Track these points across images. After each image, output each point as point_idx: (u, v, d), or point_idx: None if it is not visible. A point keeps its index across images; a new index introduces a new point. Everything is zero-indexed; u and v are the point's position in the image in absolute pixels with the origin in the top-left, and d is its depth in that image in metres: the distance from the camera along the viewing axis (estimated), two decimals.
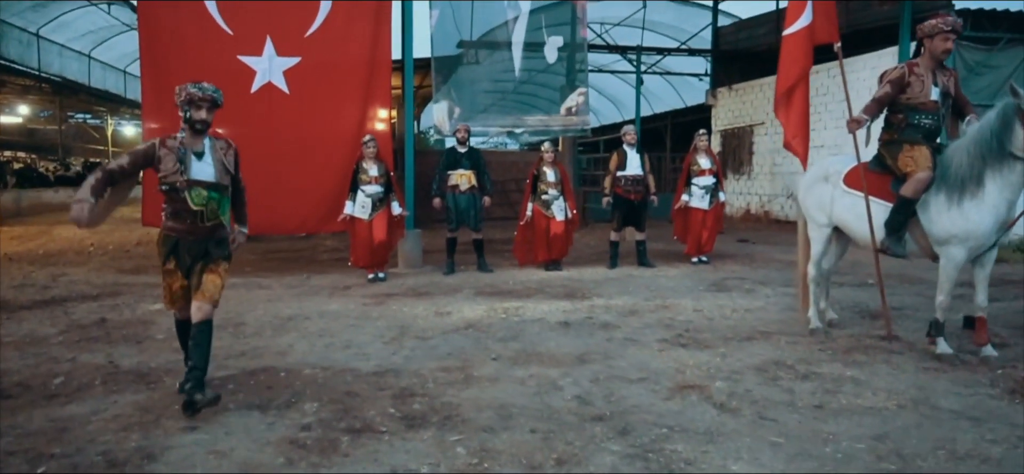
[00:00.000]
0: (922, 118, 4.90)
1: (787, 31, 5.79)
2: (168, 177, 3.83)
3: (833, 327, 5.77)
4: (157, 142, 3.88)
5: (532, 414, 3.88)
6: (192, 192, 3.85)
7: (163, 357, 4.99)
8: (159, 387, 4.33)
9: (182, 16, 8.32)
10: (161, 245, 3.99)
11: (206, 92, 3.88)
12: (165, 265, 3.99)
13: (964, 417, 3.81)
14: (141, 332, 5.78)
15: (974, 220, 4.60)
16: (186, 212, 3.88)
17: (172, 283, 4.03)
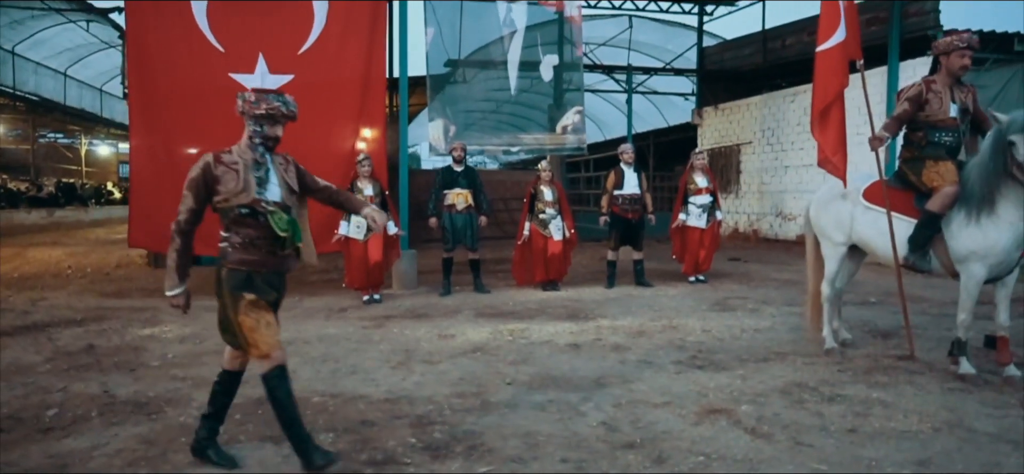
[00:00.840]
0: (942, 135, 4.87)
1: (820, 48, 5.70)
2: (234, 198, 3.21)
3: (847, 346, 5.69)
4: (210, 159, 3.24)
5: (560, 442, 3.71)
6: (274, 216, 3.25)
7: (161, 386, 4.74)
8: (161, 418, 4.09)
9: (172, 34, 8.10)
10: (228, 285, 3.24)
11: (290, 108, 3.37)
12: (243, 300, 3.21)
13: (1002, 440, 3.71)
14: (133, 359, 5.51)
15: (992, 237, 4.56)
16: (263, 240, 3.26)
17: (260, 317, 3.22)
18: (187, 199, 3.24)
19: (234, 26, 8.18)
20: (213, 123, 8.19)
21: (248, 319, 3.19)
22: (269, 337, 3.19)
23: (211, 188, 3.23)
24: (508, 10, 9.65)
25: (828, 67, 5.64)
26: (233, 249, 3.26)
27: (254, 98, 3.30)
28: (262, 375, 3.22)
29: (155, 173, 8.21)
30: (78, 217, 24.16)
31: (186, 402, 4.37)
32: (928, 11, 10.62)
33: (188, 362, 5.39)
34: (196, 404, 4.31)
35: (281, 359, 3.23)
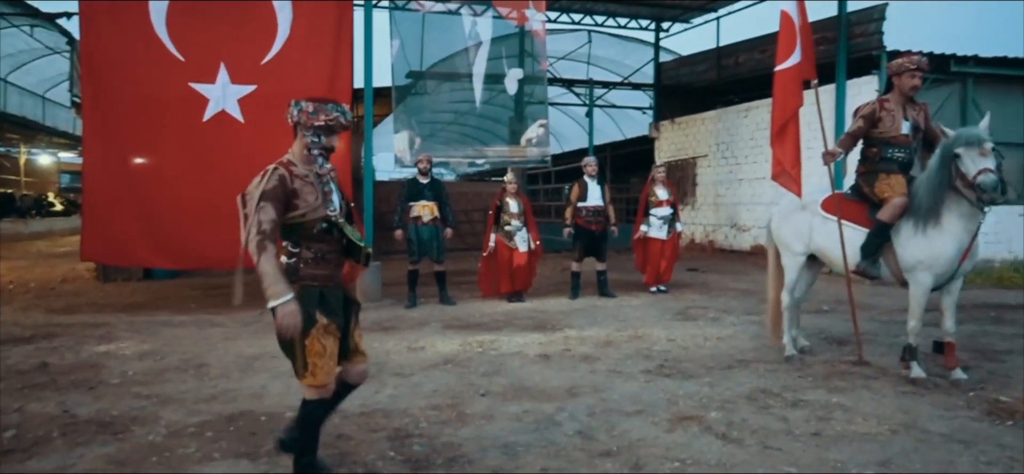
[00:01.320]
0: (895, 151, 5.12)
1: (779, 67, 5.95)
2: (313, 213, 3.08)
3: (805, 353, 5.89)
4: (284, 172, 3.07)
5: (538, 451, 3.77)
6: (346, 228, 3.19)
7: (125, 404, 4.62)
8: (128, 437, 3.99)
9: (129, 42, 7.91)
10: (303, 303, 3.02)
11: (347, 117, 3.26)
12: (316, 324, 3.05)
13: (954, 440, 3.91)
14: (91, 377, 5.35)
15: (938, 247, 4.81)
16: (334, 253, 3.18)
17: (327, 345, 3.08)
18: (268, 210, 3.00)
19: (194, 35, 8.03)
20: (171, 134, 8.05)
21: (317, 345, 3.07)
22: (329, 369, 3.12)
23: (289, 201, 3.07)
24: (474, 23, 9.72)
25: (786, 86, 5.89)
26: (305, 265, 3.12)
27: (312, 109, 3.17)
28: (306, 400, 3.20)
29: (110, 185, 7.98)
30: (17, 230, 23.19)
31: (153, 420, 4.27)
32: (873, 32, 11.09)
33: (151, 379, 5.26)
34: (164, 422, 4.22)
35: (329, 393, 3.22)
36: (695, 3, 15.46)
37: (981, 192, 4.54)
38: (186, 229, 7.95)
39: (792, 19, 5.88)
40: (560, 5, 15.63)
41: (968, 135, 4.67)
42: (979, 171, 4.53)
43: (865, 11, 11.36)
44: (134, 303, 9.18)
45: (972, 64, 10.98)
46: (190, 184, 7.92)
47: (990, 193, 4.51)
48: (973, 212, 4.76)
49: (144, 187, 7.97)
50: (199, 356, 6.02)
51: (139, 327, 7.42)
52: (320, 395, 3.18)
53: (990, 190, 4.49)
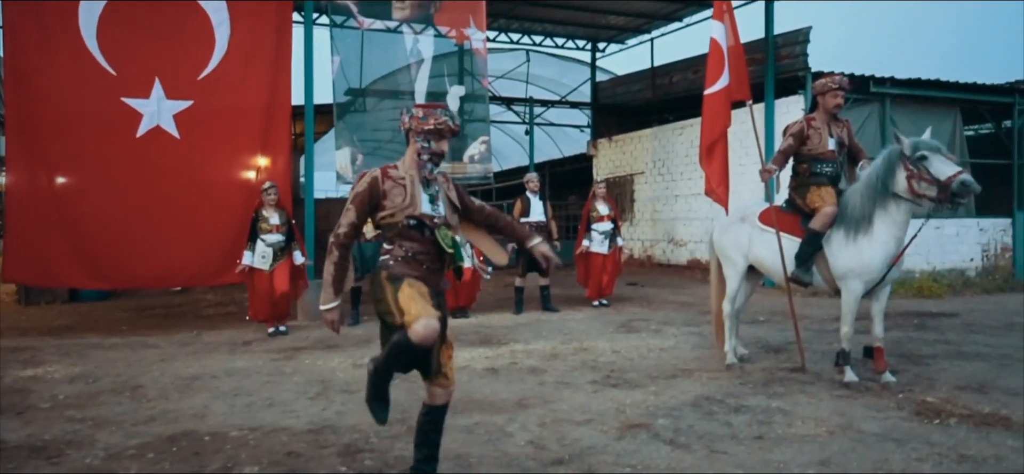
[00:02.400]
0: (823, 165, 5.40)
1: (708, 91, 6.23)
2: (402, 211, 3.13)
3: (745, 362, 6.10)
4: (378, 174, 3.17)
5: (492, 462, 3.79)
6: (441, 231, 3.18)
7: (57, 428, 4.41)
8: (63, 462, 3.82)
9: (58, 57, 7.61)
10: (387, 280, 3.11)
11: (455, 121, 3.28)
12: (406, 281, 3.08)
13: (888, 439, 4.12)
14: (19, 402, 5.09)
15: (867, 255, 5.08)
16: (426, 255, 3.17)
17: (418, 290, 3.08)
18: (349, 213, 3.14)
19: (127, 50, 7.78)
20: (102, 150, 7.78)
21: (407, 291, 3.04)
22: (422, 307, 2.99)
23: (377, 204, 3.15)
24: (415, 41, 9.74)
25: (714, 108, 6.19)
26: (395, 262, 3.16)
27: (422, 114, 3.22)
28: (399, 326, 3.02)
29: (35, 203, 7.63)
30: None
31: (90, 444, 4.10)
32: (798, 54, 11.66)
33: (84, 402, 5.04)
34: (102, 445, 4.06)
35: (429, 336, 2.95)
36: (630, 24, 15.89)
37: (964, 191, 4.63)
38: (117, 248, 7.66)
39: (720, 45, 6.18)
40: (498, 24, 15.81)
41: (928, 142, 4.89)
42: (955, 173, 4.66)
43: (791, 34, 11.92)
44: (61, 326, 8.77)
45: (889, 85, 11.63)
46: (122, 201, 7.66)
47: (971, 192, 4.66)
48: (906, 220, 5.04)
49: (72, 205, 7.65)
50: (134, 378, 5.80)
51: (67, 350, 7.10)
52: (417, 337, 2.92)
53: (972, 188, 4.65)
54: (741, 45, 6.33)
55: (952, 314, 9.01)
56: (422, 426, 3.29)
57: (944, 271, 12.18)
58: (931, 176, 4.74)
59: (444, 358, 3.24)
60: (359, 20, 9.42)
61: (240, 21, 8.18)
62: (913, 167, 4.82)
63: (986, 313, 9.06)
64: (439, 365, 3.21)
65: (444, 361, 3.24)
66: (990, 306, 9.77)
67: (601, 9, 15.13)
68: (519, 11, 15.03)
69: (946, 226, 12.54)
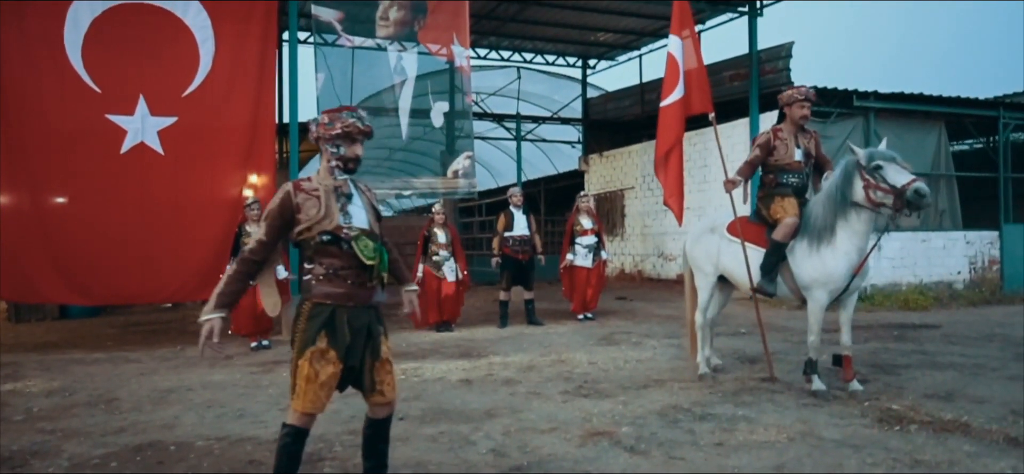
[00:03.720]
0: (789, 176, 5.47)
1: (663, 103, 6.37)
2: (316, 226, 2.98)
3: (719, 372, 6.14)
4: (290, 188, 3.02)
5: (450, 469, 3.84)
6: (359, 242, 3.01)
7: (26, 438, 4.47)
8: (25, 470, 3.86)
9: (43, 72, 7.73)
10: (308, 320, 2.98)
11: (366, 123, 3.11)
12: (313, 346, 2.94)
13: (846, 445, 4.16)
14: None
15: (830, 265, 5.13)
16: (348, 270, 3.02)
17: (321, 371, 2.94)
18: (260, 229, 3.05)
19: (112, 67, 7.90)
20: (86, 166, 7.87)
21: (308, 368, 2.94)
22: (316, 397, 2.96)
23: (290, 218, 3.01)
24: (399, 59, 9.87)
25: (668, 120, 6.31)
26: (317, 282, 3.03)
27: (327, 119, 3.08)
28: (284, 423, 3.04)
29: (21, 219, 7.72)
30: None
31: (55, 454, 4.15)
32: (781, 69, 11.79)
33: (57, 415, 5.10)
34: (66, 455, 4.11)
35: (308, 425, 3.04)
36: (619, 41, 16.06)
37: (917, 199, 4.67)
38: (102, 263, 7.74)
39: (675, 58, 6.31)
40: (489, 42, 15.99)
41: (883, 152, 4.97)
42: (910, 181, 4.71)
43: (774, 49, 12.05)
44: (47, 342, 8.82)
45: (873, 99, 11.73)
46: (106, 217, 7.75)
47: (925, 200, 4.70)
48: (867, 230, 5.10)
49: (57, 221, 7.75)
50: (111, 391, 5.85)
51: (50, 365, 7.15)
52: (300, 423, 2.99)
53: (926, 196, 4.69)
54: (702, 59, 6.45)
55: (934, 326, 9.04)
56: (368, 437, 3.27)
57: (931, 283, 12.22)
58: (887, 184, 4.81)
59: (380, 375, 3.14)
60: (344, 38, 9.54)
61: (224, 39, 8.30)
62: (869, 176, 4.89)
63: (969, 325, 9.09)
64: (373, 383, 3.12)
65: (380, 379, 3.14)
66: (974, 318, 9.80)
67: (591, 27, 15.32)
68: (510, 29, 15.22)
69: (933, 239, 12.59)
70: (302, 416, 3.00)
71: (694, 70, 6.34)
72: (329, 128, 3.07)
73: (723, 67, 13.07)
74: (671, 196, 6.35)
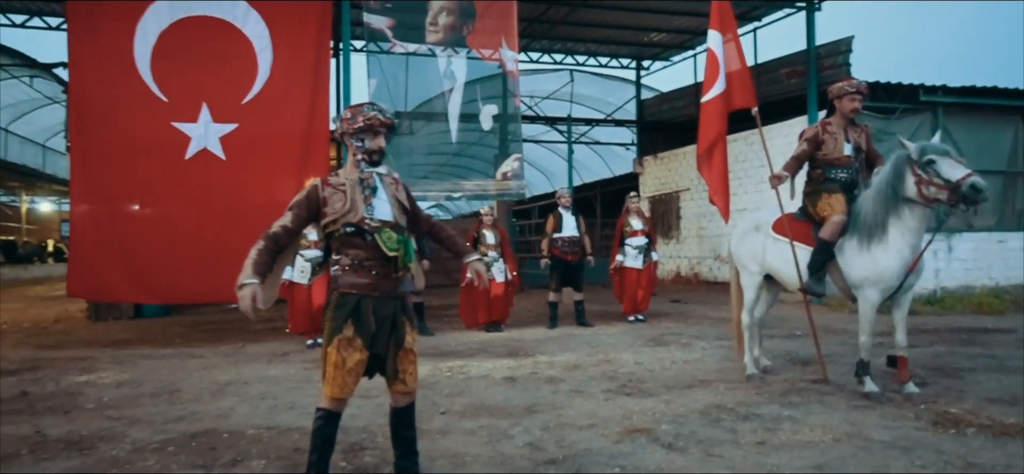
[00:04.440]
0: (838, 172, 5.32)
1: (704, 98, 6.30)
2: (342, 218, 3.11)
3: (768, 373, 6.01)
4: (318, 182, 3.18)
5: (485, 461, 3.89)
6: (382, 234, 3.12)
7: (95, 425, 4.75)
8: (93, 454, 4.12)
9: (114, 84, 8.21)
10: (335, 309, 3.13)
11: (386, 115, 3.21)
12: (341, 334, 3.08)
13: (894, 447, 4.03)
14: (68, 403, 5.49)
15: (882, 263, 4.96)
16: (373, 261, 3.13)
17: (348, 358, 3.08)
18: (286, 216, 3.17)
19: (177, 77, 8.33)
20: (154, 172, 8.29)
21: (336, 355, 3.08)
22: (344, 383, 3.10)
23: (316, 210, 3.15)
24: (448, 63, 10.05)
25: (710, 115, 6.22)
26: (343, 272, 3.15)
27: (350, 114, 3.19)
28: (317, 408, 3.18)
29: (94, 222, 8.21)
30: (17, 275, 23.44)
31: (120, 438, 4.41)
32: (841, 64, 11.43)
33: (124, 404, 5.40)
34: (129, 440, 4.36)
35: (338, 409, 3.18)
36: (673, 41, 15.88)
37: (974, 195, 4.49)
38: (166, 264, 8.14)
39: (715, 55, 6.22)
40: (541, 45, 16.04)
41: (936, 145, 4.79)
42: (965, 175, 4.54)
43: (833, 44, 11.71)
44: (121, 339, 9.32)
45: (941, 94, 11.27)
46: (171, 220, 8.16)
47: (982, 195, 4.52)
48: (921, 226, 4.92)
49: (125, 224, 8.20)
50: (174, 383, 6.15)
51: (122, 359, 7.56)
52: (331, 406, 3.13)
53: (983, 191, 4.51)
54: (745, 60, 6.34)
55: (1008, 330, 8.61)
56: (393, 426, 3.39)
57: (1008, 286, 11.62)
58: (941, 179, 4.63)
59: (403, 364, 3.23)
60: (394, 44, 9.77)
61: (281, 47, 8.64)
62: (921, 172, 4.72)
63: None
64: (396, 371, 3.22)
65: (403, 368, 3.23)
66: None
67: (644, 27, 15.20)
68: (562, 31, 15.24)
69: (1011, 240, 11.99)
70: (332, 400, 3.13)
71: (737, 71, 6.24)
72: (352, 122, 3.18)
73: (779, 64, 12.78)
74: (716, 193, 6.28)
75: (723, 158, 6.33)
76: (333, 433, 3.21)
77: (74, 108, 8.27)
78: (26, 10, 14.15)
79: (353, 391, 3.18)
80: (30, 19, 14.41)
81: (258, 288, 3.05)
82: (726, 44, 6.24)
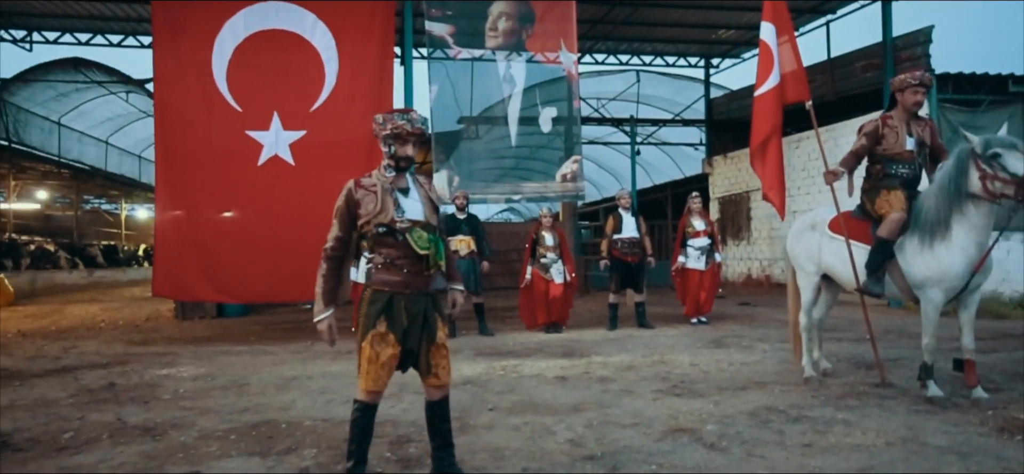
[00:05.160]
0: (899, 167, 5.12)
1: (758, 92, 6.17)
2: (374, 219, 3.26)
3: (827, 376, 5.84)
4: (351, 185, 3.32)
5: (524, 455, 3.97)
6: (413, 233, 3.25)
7: (170, 414, 5.11)
8: (164, 439, 4.44)
9: (193, 96, 8.76)
10: (368, 305, 3.25)
11: (415, 125, 3.33)
12: (374, 329, 3.21)
13: (951, 452, 3.87)
14: (148, 394, 5.90)
15: (946, 262, 4.74)
16: (404, 259, 3.25)
17: (381, 353, 3.21)
18: (334, 227, 3.34)
19: (250, 87, 8.81)
20: (229, 178, 8.79)
21: (369, 350, 3.22)
22: (377, 376, 3.23)
23: (354, 212, 3.30)
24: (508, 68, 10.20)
25: (763, 109, 6.08)
26: (376, 270, 3.28)
27: (381, 119, 3.34)
28: (355, 400, 3.34)
29: (176, 226, 8.78)
30: (116, 277, 25.12)
31: (189, 426, 4.73)
32: (920, 56, 10.90)
33: (198, 395, 5.77)
34: (197, 428, 4.67)
35: (374, 401, 3.31)
36: (742, 37, 15.52)
37: None
38: (242, 264, 8.62)
39: (769, 46, 6.06)
40: (607, 46, 15.99)
41: (1002, 138, 4.59)
42: None
43: (911, 35, 11.19)
44: (203, 336, 9.90)
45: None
46: (245, 223, 8.63)
47: None
48: (987, 223, 4.69)
49: (204, 227, 8.73)
50: (244, 378, 6.52)
51: (201, 355, 8.05)
52: (366, 399, 3.27)
53: None
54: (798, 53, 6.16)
55: None
56: (429, 419, 3.50)
57: None
58: (1008, 173, 4.40)
59: (435, 359, 3.35)
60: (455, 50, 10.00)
61: (347, 57, 9.01)
62: (986, 166, 4.49)
63: None
64: (429, 366, 3.35)
65: (435, 363, 3.35)
66: None
67: (713, 24, 14.94)
68: (628, 32, 15.16)
69: None
70: (367, 393, 3.28)
71: (792, 71, 6.09)
72: (382, 128, 3.35)
73: (855, 57, 12.31)
74: (770, 189, 6.12)
75: (778, 152, 6.18)
76: (370, 423, 3.36)
77: (159, 120, 8.87)
78: (121, 30, 15.23)
79: (386, 384, 3.32)
80: (125, 39, 15.49)
81: (332, 319, 3.29)
82: (781, 46, 6.09)
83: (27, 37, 15.53)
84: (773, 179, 6.03)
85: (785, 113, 6.29)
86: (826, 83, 13.43)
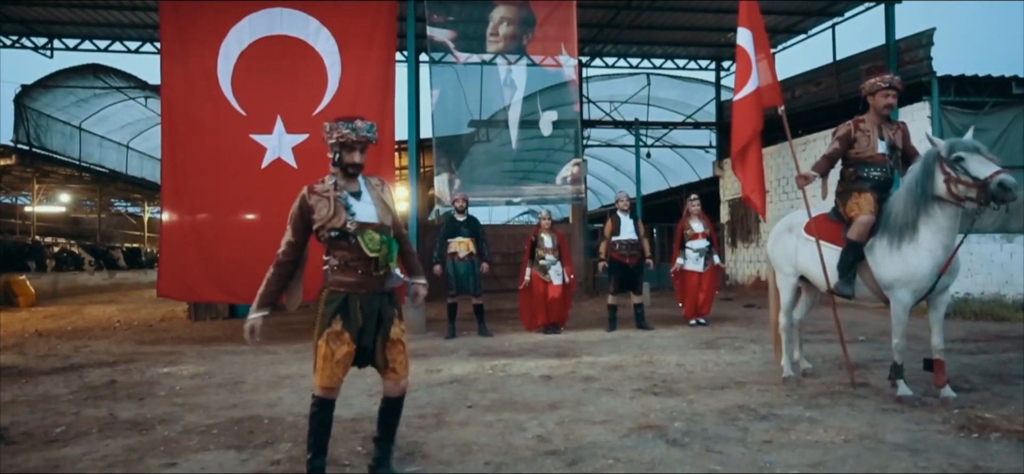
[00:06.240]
0: (871, 170, 5.18)
1: (737, 97, 6.25)
2: (327, 224, 3.38)
3: (807, 376, 5.90)
4: (305, 191, 3.45)
5: (490, 450, 4.11)
6: (364, 236, 3.38)
7: (160, 410, 5.32)
8: (150, 433, 4.65)
9: (199, 101, 9.03)
10: (325, 305, 3.39)
11: (360, 133, 3.43)
12: (330, 328, 3.35)
13: (905, 449, 3.94)
14: (145, 391, 6.14)
15: (913, 264, 4.80)
16: (358, 261, 3.39)
17: (336, 350, 3.34)
18: (287, 232, 3.48)
19: (255, 91, 9.06)
20: (234, 180, 9.04)
21: (325, 348, 3.35)
22: (332, 373, 3.36)
23: (308, 217, 3.43)
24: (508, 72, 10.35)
25: (743, 113, 6.15)
26: (333, 271, 3.43)
27: (329, 128, 3.46)
28: (312, 395, 3.47)
29: (181, 228, 9.05)
30: (138, 279, 25.68)
31: (176, 421, 4.93)
32: (922, 58, 10.85)
33: (191, 392, 5.99)
34: (183, 423, 4.87)
35: (330, 396, 3.44)
36: None
37: (1002, 192, 4.35)
38: (245, 266, 8.81)
39: (746, 52, 6.13)
40: (617, 50, 16.06)
41: (965, 142, 4.63)
42: (993, 173, 4.40)
43: (913, 37, 11.15)
44: (211, 336, 10.16)
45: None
46: (249, 225, 8.88)
47: (1011, 194, 4.36)
48: (953, 225, 4.75)
49: (208, 229, 8.99)
50: (241, 376, 6.73)
51: (205, 354, 8.29)
52: (322, 395, 3.40)
53: (1012, 189, 4.35)
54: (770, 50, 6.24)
55: None
56: (381, 412, 3.66)
57: None
58: (970, 177, 4.45)
59: (392, 355, 3.48)
60: (456, 55, 10.17)
61: (350, 61, 9.22)
62: (950, 169, 4.55)
63: None
64: (386, 361, 3.48)
65: (392, 358, 3.48)
66: None
67: (723, 27, 14.95)
68: (638, 35, 15.22)
69: None
70: (323, 389, 3.43)
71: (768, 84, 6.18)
72: (329, 137, 3.49)
73: (858, 60, 12.26)
74: (752, 191, 6.20)
75: (758, 156, 6.26)
76: (328, 418, 3.51)
77: (166, 123, 9.15)
78: (139, 37, 15.65)
79: (342, 380, 3.47)
80: (142, 45, 15.91)
81: (259, 321, 3.48)
82: (760, 62, 6.17)
83: (48, 44, 16.03)
84: (755, 182, 6.11)
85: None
86: (832, 86, 13.40)
